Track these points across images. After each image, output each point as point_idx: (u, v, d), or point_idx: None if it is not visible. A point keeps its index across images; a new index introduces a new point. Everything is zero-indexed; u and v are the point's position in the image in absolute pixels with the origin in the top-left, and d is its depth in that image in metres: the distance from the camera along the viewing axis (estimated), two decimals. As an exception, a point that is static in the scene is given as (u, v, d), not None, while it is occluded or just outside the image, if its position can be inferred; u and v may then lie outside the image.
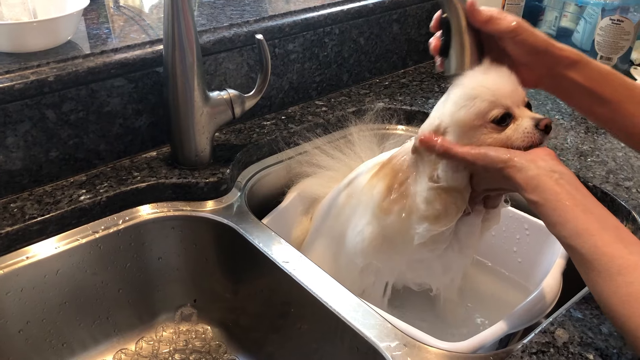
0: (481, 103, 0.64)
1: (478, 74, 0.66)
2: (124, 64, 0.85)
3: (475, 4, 0.67)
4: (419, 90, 1.16)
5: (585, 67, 0.68)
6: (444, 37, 0.70)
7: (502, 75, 0.66)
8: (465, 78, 0.67)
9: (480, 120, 0.64)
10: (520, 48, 0.68)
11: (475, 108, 0.64)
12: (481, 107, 0.64)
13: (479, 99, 0.64)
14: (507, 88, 0.65)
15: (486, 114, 0.64)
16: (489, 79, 0.65)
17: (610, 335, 0.61)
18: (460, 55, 0.69)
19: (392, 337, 0.64)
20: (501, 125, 0.64)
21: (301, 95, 1.10)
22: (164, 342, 0.88)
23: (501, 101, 0.64)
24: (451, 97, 0.67)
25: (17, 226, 0.75)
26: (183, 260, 0.88)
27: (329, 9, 1.07)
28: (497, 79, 0.65)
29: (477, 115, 0.64)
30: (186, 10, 0.78)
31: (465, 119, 0.64)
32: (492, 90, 0.64)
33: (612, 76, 0.69)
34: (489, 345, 0.66)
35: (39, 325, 0.79)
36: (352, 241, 0.78)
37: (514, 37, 0.67)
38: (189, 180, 0.85)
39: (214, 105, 0.86)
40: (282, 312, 0.80)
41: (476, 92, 0.64)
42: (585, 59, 0.69)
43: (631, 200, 0.83)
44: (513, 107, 0.65)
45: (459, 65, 0.69)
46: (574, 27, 1.37)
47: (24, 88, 0.77)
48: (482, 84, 0.65)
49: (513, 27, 0.66)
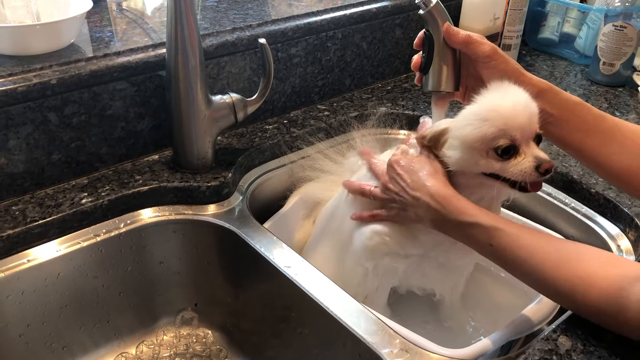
0: (489, 128, 0.63)
1: (499, 93, 0.66)
2: (127, 67, 0.85)
3: (450, 26, 0.70)
4: (421, 95, 1.16)
5: (555, 97, 0.69)
6: (425, 54, 0.72)
7: (520, 102, 0.65)
8: (486, 95, 0.66)
9: (483, 144, 0.64)
10: (492, 74, 0.69)
11: (482, 131, 0.63)
12: (487, 132, 0.63)
13: (489, 123, 0.63)
14: (521, 120, 0.64)
15: (491, 141, 0.64)
16: (506, 104, 0.64)
17: (613, 342, 0.61)
18: (438, 75, 0.72)
19: (393, 343, 0.64)
20: (502, 157, 0.64)
21: (303, 99, 1.10)
22: (164, 346, 0.88)
23: (510, 132, 0.63)
24: (466, 110, 0.67)
25: (18, 229, 0.75)
26: (184, 264, 0.88)
27: (331, 14, 1.07)
28: (514, 105, 0.64)
29: (481, 139, 0.64)
30: (189, 14, 0.78)
31: (469, 139, 0.65)
32: (504, 118, 0.63)
33: (580, 106, 0.70)
34: (490, 352, 0.66)
35: (40, 329, 0.79)
36: (360, 244, 0.77)
37: (487, 63, 0.69)
38: (190, 184, 0.85)
39: (216, 109, 0.86)
40: (283, 316, 0.80)
41: (488, 115, 0.64)
42: (554, 89, 0.70)
43: (634, 206, 0.83)
44: (521, 141, 0.64)
45: (436, 84, 0.72)
46: (577, 33, 1.37)
47: (27, 91, 0.77)
48: (497, 109, 0.64)
49: (487, 52, 0.69)
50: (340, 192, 0.86)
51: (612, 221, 0.85)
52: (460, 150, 0.66)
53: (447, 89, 0.72)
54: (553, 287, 0.60)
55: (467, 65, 0.72)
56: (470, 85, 0.74)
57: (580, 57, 1.34)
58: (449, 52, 0.71)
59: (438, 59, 0.71)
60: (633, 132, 0.69)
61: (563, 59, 1.36)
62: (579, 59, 1.34)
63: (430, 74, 0.72)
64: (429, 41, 0.71)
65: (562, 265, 0.59)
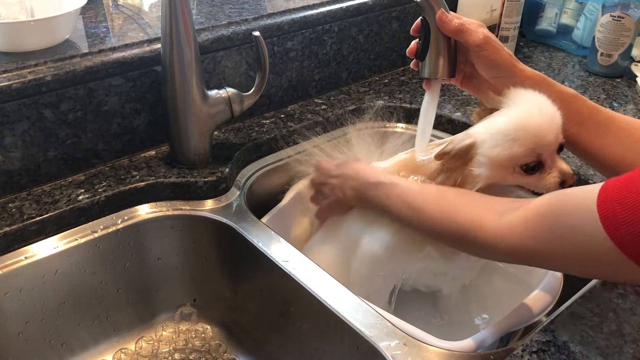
0: (519, 148, 0.64)
1: (525, 106, 0.65)
2: (122, 62, 0.84)
3: (444, 13, 0.69)
4: (419, 88, 1.15)
5: (549, 89, 0.69)
6: (422, 41, 0.72)
7: (548, 118, 0.65)
8: (512, 108, 0.66)
9: (511, 162, 0.64)
10: (483, 63, 0.69)
11: (512, 152, 0.64)
12: (517, 152, 0.64)
13: (518, 144, 0.64)
14: (549, 137, 0.64)
15: (519, 159, 0.64)
16: (535, 122, 0.64)
17: (611, 333, 0.61)
18: (435, 62, 0.72)
19: (392, 336, 0.64)
20: (528, 172, 0.65)
21: (300, 93, 1.10)
22: (163, 342, 0.88)
23: (537, 150, 0.64)
24: (495, 127, 0.65)
25: (15, 226, 0.75)
26: (182, 259, 0.88)
27: (328, 7, 1.07)
28: (542, 123, 0.64)
29: (510, 159, 0.64)
30: (184, 8, 0.77)
31: (499, 159, 0.65)
32: (533, 137, 0.64)
33: (575, 99, 0.70)
34: (489, 344, 0.66)
35: (38, 326, 0.79)
36: (372, 248, 0.77)
37: (479, 52, 0.69)
38: (187, 179, 0.85)
39: (213, 104, 0.86)
40: (282, 311, 0.80)
41: (517, 135, 0.64)
42: (548, 81, 0.70)
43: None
44: (547, 157, 0.65)
45: (432, 70, 0.72)
46: (574, 24, 1.36)
47: (22, 87, 0.76)
48: (526, 128, 0.64)
49: (479, 41, 0.68)
50: None
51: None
52: (488, 168, 0.66)
53: (442, 76, 0.72)
54: (447, 232, 0.65)
55: (464, 52, 0.72)
56: (467, 71, 0.74)
57: (578, 48, 1.33)
58: (444, 40, 0.71)
59: (434, 46, 0.71)
60: (627, 123, 0.69)
61: (561, 50, 1.36)
62: (576, 50, 1.34)
63: (427, 61, 0.72)
64: (425, 28, 0.71)
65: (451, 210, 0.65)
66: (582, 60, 1.30)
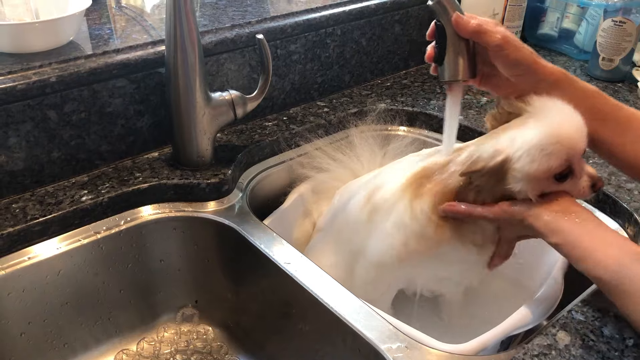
0: (555, 161, 0.64)
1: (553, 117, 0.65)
2: (126, 64, 0.85)
3: (460, 16, 0.68)
4: (421, 91, 1.16)
5: (571, 86, 0.68)
6: (438, 45, 0.71)
7: (577, 127, 0.65)
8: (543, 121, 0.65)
9: (547, 175, 0.65)
10: (504, 63, 0.68)
11: (548, 165, 0.64)
12: (553, 165, 0.64)
13: (554, 157, 0.64)
14: (580, 146, 0.65)
15: (554, 170, 0.64)
16: (567, 133, 0.64)
17: (612, 337, 0.61)
18: (454, 65, 0.70)
19: (393, 338, 0.64)
20: (561, 180, 0.65)
21: (303, 96, 1.10)
22: (165, 343, 0.88)
23: (570, 159, 0.65)
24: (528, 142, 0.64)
25: (18, 227, 0.75)
26: (184, 261, 0.88)
27: (330, 10, 1.07)
28: (572, 133, 0.65)
29: (546, 172, 0.64)
30: (188, 11, 0.78)
31: (536, 174, 0.64)
32: (567, 149, 0.64)
33: (597, 95, 0.69)
34: (490, 347, 0.66)
35: (41, 326, 0.79)
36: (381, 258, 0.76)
37: (498, 52, 0.67)
38: (190, 181, 0.85)
39: (216, 106, 0.86)
40: (284, 313, 0.80)
41: (552, 149, 0.64)
42: (570, 78, 0.69)
43: (633, 202, 0.83)
44: (576, 164, 0.65)
45: (452, 73, 0.71)
46: (576, 29, 1.37)
47: (26, 89, 0.77)
48: (560, 141, 0.64)
49: (498, 41, 0.67)
50: (348, 196, 0.85)
51: (612, 216, 0.85)
52: (526, 183, 0.65)
53: (464, 77, 0.70)
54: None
55: (482, 52, 0.71)
56: (486, 72, 0.73)
57: (580, 53, 1.34)
58: (462, 42, 0.69)
59: (452, 49, 0.70)
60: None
61: (562, 55, 1.36)
62: (578, 54, 1.34)
63: (446, 65, 0.71)
64: (440, 31, 0.70)
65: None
66: (583, 65, 1.30)
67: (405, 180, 0.74)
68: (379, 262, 0.76)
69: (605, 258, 0.59)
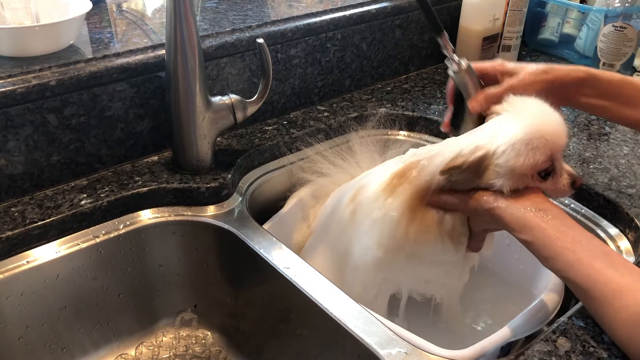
0: (540, 156, 0.64)
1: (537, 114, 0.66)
2: (126, 68, 0.85)
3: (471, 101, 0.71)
4: (421, 95, 1.16)
5: (594, 83, 0.68)
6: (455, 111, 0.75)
7: (559, 123, 0.66)
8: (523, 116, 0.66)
9: (532, 170, 0.65)
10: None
11: (533, 161, 0.64)
12: (538, 160, 0.64)
13: (539, 152, 0.64)
14: (562, 141, 0.66)
15: (539, 166, 0.65)
16: (548, 127, 0.65)
17: (612, 344, 0.61)
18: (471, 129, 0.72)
19: (393, 344, 0.64)
20: (545, 178, 0.66)
21: (303, 100, 1.10)
22: (164, 348, 0.88)
23: (553, 155, 0.65)
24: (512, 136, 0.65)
25: (17, 230, 0.75)
26: (184, 265, 0.88)
27: (331, 15, 1.07)
28: (555, 128, 0.65)
29: (532, 167, 0.65)
30: (188, 15, 0.78)
31: (521, 169, 0.64)
32: (550, 144, 0.64)
33: (625, 83, 0.69)
34: (490, 353, 0.66)
35: (39, 330, 0.79)
36: (361, 259, 0.77)
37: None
38: (190, 185, 0.85)
39: (216, 110, 0.86)
40: (283, 318, 0.80)
41: (537, 143, 0.64)
42: (592, 75, 0.69)
43: (634, 207, 0.83)
44: (557, 161, 0.66)
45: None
46: (577, 34, 1.37)
47: (26, 92, 0.77)
48: (543, 134, 0.64)
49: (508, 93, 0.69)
50: (337, 197, 0.85)
51: (612, 222, 0.85)
52: (509, 178, 0.65)
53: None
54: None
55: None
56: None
57: (580, 58, 1.33)
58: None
59: (470, 119, 0.73)
60: None
61: (563, 60, 1.36)
62: (578, 59, 1.34)
63: (462, 130, 0.74)
64: (459, 99, 0.73)
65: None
66: (584, 70, 1.30)
67: (385, 179, 0.75)
68: (361, 261, 0.77)
69: (576, 259, 0.58)
